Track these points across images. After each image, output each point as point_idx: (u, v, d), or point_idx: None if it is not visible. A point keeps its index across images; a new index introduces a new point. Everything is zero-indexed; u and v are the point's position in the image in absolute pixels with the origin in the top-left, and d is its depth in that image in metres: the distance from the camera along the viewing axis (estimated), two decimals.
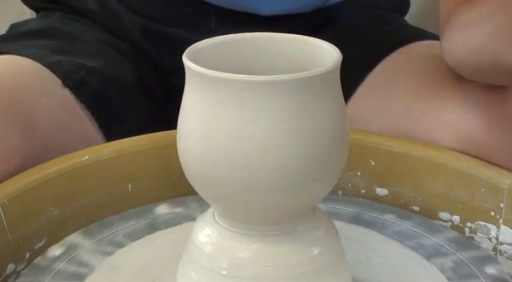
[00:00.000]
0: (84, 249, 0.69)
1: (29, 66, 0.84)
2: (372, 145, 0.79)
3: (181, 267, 0.60)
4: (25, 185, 0.72)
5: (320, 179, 0.54)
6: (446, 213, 0.76)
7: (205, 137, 0.53)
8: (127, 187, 0.78)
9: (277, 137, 0.52)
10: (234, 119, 0.52)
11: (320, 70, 0.52)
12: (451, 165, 0.74)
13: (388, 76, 0.85)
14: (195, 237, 0.59)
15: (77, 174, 0.75)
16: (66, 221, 0.75)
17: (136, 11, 0.97)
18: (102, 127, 0.85)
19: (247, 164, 0.52)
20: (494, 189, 0.72)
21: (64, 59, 0.86)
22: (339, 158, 0.55)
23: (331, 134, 0.54)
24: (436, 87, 0.79)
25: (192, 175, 0.56)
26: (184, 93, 0.55)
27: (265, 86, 0.51)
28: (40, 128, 0.78)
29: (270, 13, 0.94)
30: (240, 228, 0.57)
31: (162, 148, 0.78)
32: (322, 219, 0.59)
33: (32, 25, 0.96)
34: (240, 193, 0.54)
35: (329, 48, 0.56)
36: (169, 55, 0.94)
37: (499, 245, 0.72)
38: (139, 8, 0.96)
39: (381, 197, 0.79)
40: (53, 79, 0.84)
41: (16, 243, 0.70)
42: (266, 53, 0.59)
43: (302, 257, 0.57)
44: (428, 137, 0.77)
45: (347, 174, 0.80)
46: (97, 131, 0.85)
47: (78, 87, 0.84)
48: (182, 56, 0.54)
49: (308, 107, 0.52)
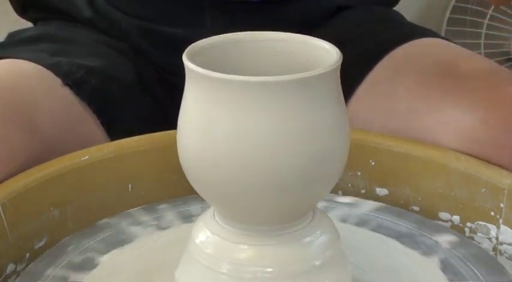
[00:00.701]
0: (84, 248, 0.69)
1: (29, 68, 0.84)
2: (372, 145, 0.79)
3: (182, 267, 0.60)
4: (25, 185, 0.72)
5: (320, 179, 0.54)
6: (446, 213, 0.76)
7: (205, 137, 0.53)
8: (127, 187, 0.78)
9: (277, 137, 0.52)
10: (233, 119, 0.52)
11: (320, 70, 0.52)
12: (451, 165, 0.74)
13: (389, 74, 0.85)
14: (195, 237, 0.59)
15: (77, 174, 0.75)
16: (66, 221, 0.75)
17: (129, 12, 0.97)
18: (104, 125, 0.85)
19: (247, 164, 0.52)
20: (494, 189, 0.72)
21: (63, 60, 0.86)
22: (339, 158, 0.55)
23: (331, 134, 0.54)
24: (437, 86, 0.79)
25: (192, 175, 0.56)
26: (184, 93, 0.55)
27: (265, 86, 0.51)
28: (42, 128, 0.78)
29: None
30: (240, 228, 0.57)
31: (162, 148, 0.78)
32: (322, 219, 0.59)
33: (30, 32, 0.98)
34: (240, 193, 0.54)
35: (329, 48, 0.56)
36: (167, 54, 0.94)
37: (499, 245, 0.72)
38: (131, 10, 0.97)
39: (380, 197, 0.79)
40: (53, 80, 0.84)
41: (16, 243, 0.70)
42: (266, 53, 0.59)
43: (302, 257, 0.57)
44: (429, 136, 0.77)
45: (347, 174, 0.80)
46: (99, 131, 0.85)
47: (78, 86, 0.84)
48: (180, 54, 0.54)
49: (308, 107, 0.52)
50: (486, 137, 0.73)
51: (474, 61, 0.82)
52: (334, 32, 0.92)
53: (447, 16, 2.03)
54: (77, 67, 0.85)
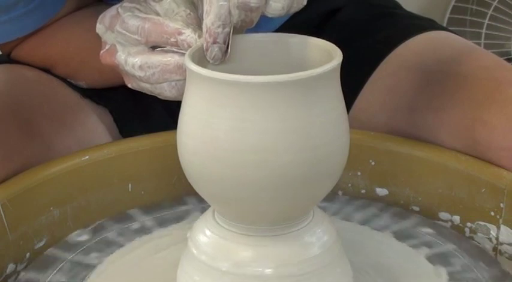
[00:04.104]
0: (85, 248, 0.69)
1: (30, 71, 0.84)
2: (372, 145, 0.79)
3: (182, 267, 0.60)
4: (25, 185, 0.72)
5: (320, 179, 0.54)
6: (446, 213, 0.76)
7: (205, 137, 0.53)
8: (127, 187, 0.78)
9: (277, 137, 0.52)
10: (233, 119, 0.52)
11: (320, 70, 0.52)
12: (451, 165, 0.74)
13: (393, 71, 0.85)
14: (195, 237, 0.59)
15: (77, 174, 0.75)
16: (66, 221, 0.75)
17: None
18: (109, 129, 0.85)
19: (247, 164, 0.52)
20: (494, 189, 0.72)
21: None
22: (339, 158, 0.55)
23: (331, 134, 0.53)
24: (439, 85, 0.79)
25: (192, 175, 0.56)
26: (184, 92, 0.55)
27: (265, 86, 0.51)
28: (42, 129, 0.78)
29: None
30: (240, 228, 0.57)
31: (162, 148, 0.78)
32: (322, 219, 0.59)
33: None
34: (240, 192, 0.53)
35: (329, 48, 0.56)
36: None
37: (499, 245, 0.72)
38: None
39: (380, 197, 0.79)
40: (55, 83, 0.84)
41: (16, 243, 0.70)
42: (266, 53, 0.59)
43: (302, 257, 0.57)
44: (430, 136, 0.77)
45: (347, 174, 0.80)
46: (100, 131, 0.85)
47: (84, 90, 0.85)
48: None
49: (308, 107, 0.52)
50: (486, 138, 0.73)
51: (477, 58, 0.82)
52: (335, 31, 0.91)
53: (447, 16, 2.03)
54: None
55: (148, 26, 0.61)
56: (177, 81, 0.61)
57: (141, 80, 0.62)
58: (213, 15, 0.56)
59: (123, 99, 0.86)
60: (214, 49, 0.57)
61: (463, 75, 0.77)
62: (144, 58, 0.61)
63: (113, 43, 0.64)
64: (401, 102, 0.81)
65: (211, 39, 0.56)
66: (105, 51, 0.65)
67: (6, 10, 0.74)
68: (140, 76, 0.62)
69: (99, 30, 0.66)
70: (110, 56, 0.65)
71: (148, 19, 0.62)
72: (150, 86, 0.62)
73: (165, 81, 0.61)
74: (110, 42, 0.65)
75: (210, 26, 0.56)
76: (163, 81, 0.61)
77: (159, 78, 0.61)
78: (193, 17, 0.62)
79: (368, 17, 0.95)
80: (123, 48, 0.63)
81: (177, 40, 0.60)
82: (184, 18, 0.62)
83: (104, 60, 0.65)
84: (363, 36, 0.91)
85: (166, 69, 0.61)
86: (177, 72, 0.60)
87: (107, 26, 0.64)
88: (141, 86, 0.63)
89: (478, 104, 0.75)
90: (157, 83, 0.61)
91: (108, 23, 0.64)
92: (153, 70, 0.61)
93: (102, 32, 0.65)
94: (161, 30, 0.61)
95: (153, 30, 0.61)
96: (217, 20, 0.56)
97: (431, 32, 0.89)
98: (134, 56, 0.62)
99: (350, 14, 0.96)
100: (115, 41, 0.64)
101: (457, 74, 0.78)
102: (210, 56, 0.57)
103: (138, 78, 0.62)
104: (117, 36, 0.63)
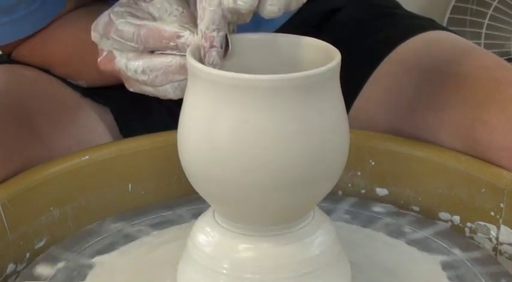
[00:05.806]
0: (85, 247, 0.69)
1: (30, 71, 0.84)
2: (372, 145, 0.79)
3: (181, 267, 0.60)
4: (25, 185, 0.72)
5: (320, 179, 0.54)
6: (446, 213, 0.76)
7: (205, 136, 0.53)
8: (127, 187, 0.78)
9: (277, 136, 0.52)
10: (234, 119, 0.52)
11: (320, 70, 0.52)
12: (451, 165, 0.74)
13: (393, 71, 0.85)
14: (195, 237, 0.59)
15: (77, 174, 0.75)
16: (66, 221, 0.75)
17: None
18: (110, 128, 0.85)
19: (247, 163, 0.52)
20: (494, 189, 0.72)
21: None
22: (339, 158, 0.55)
23: (331, 134, 0.54)
24: (439, 84, 0.79)
25: (192, 175, 0.56)
26: (185, 92, 0.55)
27: (265, 85, 0.51)
28: (42, 129, 0.78)
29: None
30: (240, 228, 0.57)
31: (162, 148, 0.78)
32: (322, 219, 0.59)
33: None
34: (240, 192, 0.53)
35: (329, 48, 0.56)
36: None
37: (499, 245, 0.72)
38: None
39: (380, 197, 0.79)
40: (55, 83, 0.84)
41: (16, 243, 0.70)
42: (266, 53, 0.59)
43: (302, 257, 0.57)
44: (430, 136, 0.77)
45: (347, 174, 0.80)
46: (100, 131, 0.85)
47: (84, 89, 0.85)
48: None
49: (308, 107, 0.52)
50: (486, 138, 0.73)
51: (477, 58, 0.82)
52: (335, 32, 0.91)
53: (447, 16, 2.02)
54: None
55: (144, 33, 0.61)
56: (180, 82, 0.61)
57: (145, 83, 0.62)
58: (206, 20, 0.56)
59: (123, 98, 0.86)
60: (212, 54, 0.57)
61: (463, 75, 0.77)
62: (146, 62, 0.61)
63: (109, 50, 0.64)
64: (401, 102, 0.81)
65: (208, 43, 0.56)
66: (103, 58, 0.65)
67: (7, 12, 0.74)
68: (143, 80, 0.62)
69: (94, 38, 0.65)
70: (109, 62, 0.64)
71: (142, 25, 0.61)
72: (153, 89, 0.62)
73: (168, 83, 0.61)
74: (107, 49, 0.64)
75: (205, 31, 0.56)
76: (167, 83, 0.61)
77: (162, 80, 0.61)
78: (187, 14, 0.62)
79: (368, 17, 0.95)
80: (121, 53, 0.63)
81: (177, 44, 0.60)
82: (178, 17, 0.62)
83: (103, 66, 0.65)
84: (363, 36, 0.91)
85: (169, 71, 0.60)
86: (180, 72, 0.60)
87: (102, 34, 0.64)
88: (143, 90, 0.63)
89: (478, 104, 0.75)
90: (160, 85, 0.61)
91: (103, 31, 0.64)
92: (155, 73, 0.61)
93: (97, 39, 0.65)
94: (159, 36, 0.60)
95: (150, 36, 0.61)
96: (211, 24, 0.56)
97: (432, 32, 0.89)
98: (135, 61, 0.62)
99: (350, 14, 0.96)
100: (112, 48, 0.64)
101: (457, 74, 0.78)
102: (208, 61, 0.57)
103: (141, 82, 0.62)
104: (113, 43, 0.63)
